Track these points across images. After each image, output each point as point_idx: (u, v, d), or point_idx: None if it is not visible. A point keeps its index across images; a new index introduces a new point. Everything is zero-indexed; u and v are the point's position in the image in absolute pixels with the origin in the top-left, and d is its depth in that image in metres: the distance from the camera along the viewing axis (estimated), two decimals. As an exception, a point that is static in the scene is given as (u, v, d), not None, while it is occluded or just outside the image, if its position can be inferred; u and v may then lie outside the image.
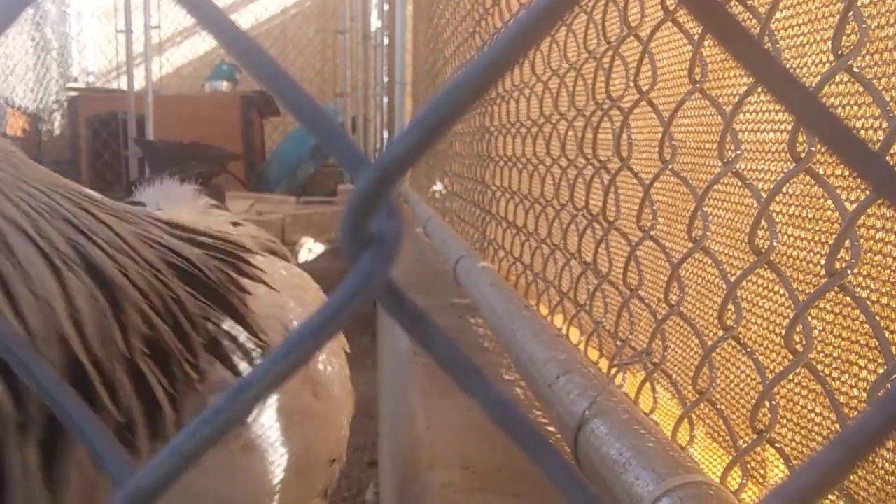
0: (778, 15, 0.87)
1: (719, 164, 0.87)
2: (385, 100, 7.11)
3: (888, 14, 0.71)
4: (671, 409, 1.12)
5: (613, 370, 1.15)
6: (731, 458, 0.91)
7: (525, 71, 1.82)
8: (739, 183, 0.85)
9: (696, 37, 0.96)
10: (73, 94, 7.90)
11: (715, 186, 0.90)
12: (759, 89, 0.82)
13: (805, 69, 0.81)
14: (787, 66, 0.85)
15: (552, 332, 1.42)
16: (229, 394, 0.23)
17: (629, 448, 0.92)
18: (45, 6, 8.52)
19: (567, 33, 1.47)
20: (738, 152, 0.86)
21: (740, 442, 0.89)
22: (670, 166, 1.02)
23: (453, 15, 3.20)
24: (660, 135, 1.03)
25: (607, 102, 1.23)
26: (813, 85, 0.71)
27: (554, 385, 1.18)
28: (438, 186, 3.66)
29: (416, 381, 1.58)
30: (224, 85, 7.63)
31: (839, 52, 0.68)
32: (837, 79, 0.71)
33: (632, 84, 1.14)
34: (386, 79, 7.00)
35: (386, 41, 6.89)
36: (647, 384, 1.11)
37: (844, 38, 0.68)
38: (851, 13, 0.66)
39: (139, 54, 6.26)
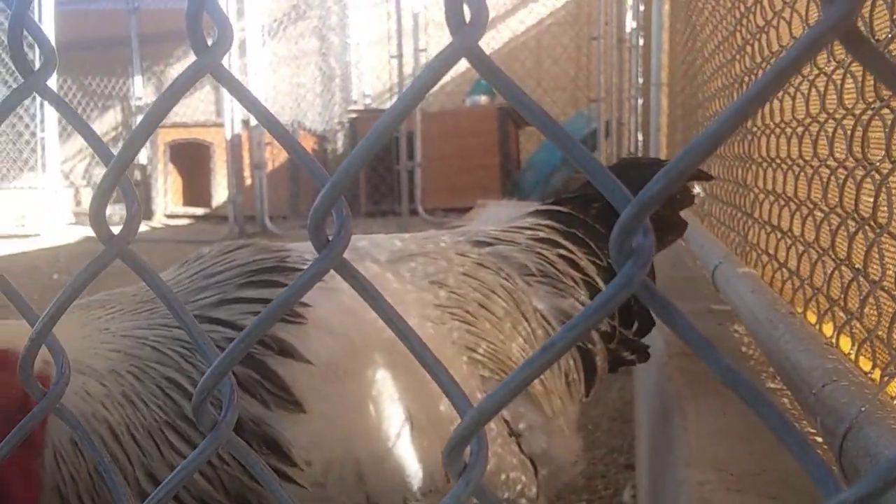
0: None
1: None
2: (640, 101, 7.02)
3: None
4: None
5: (885, 379, 1.11)
6: None
7: (789, 69, 1.76)
8: None
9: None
10: (353, 115, 8.80)
11: None
12: None
13: None
14: None
15: (818, 340, 1.37)
16: (540, 350, 0.33)
17: (899, 458, 0.89)
18: (330, 39, 9.59)
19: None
20: None
21: None
22: (950, 166, 0.96)
23: (713, 13, 3.12)
24: (938, 133, 0.98)
25: (878, 102, 1.17)
26: None
27: (819, 393, 1.16)
28: (697, 189, 3.56)
29: (673, 385, 1.61)
30: (483, 99, 8.02)
31: None
32: None
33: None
34: (640, 80, 6.91)
35: (641, 42, 6.80)
36: (926, 396, 1.05)
37: None
38: None
39: (409, 76, 6.84)
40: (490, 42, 8.51)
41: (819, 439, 1.25)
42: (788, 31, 1.71)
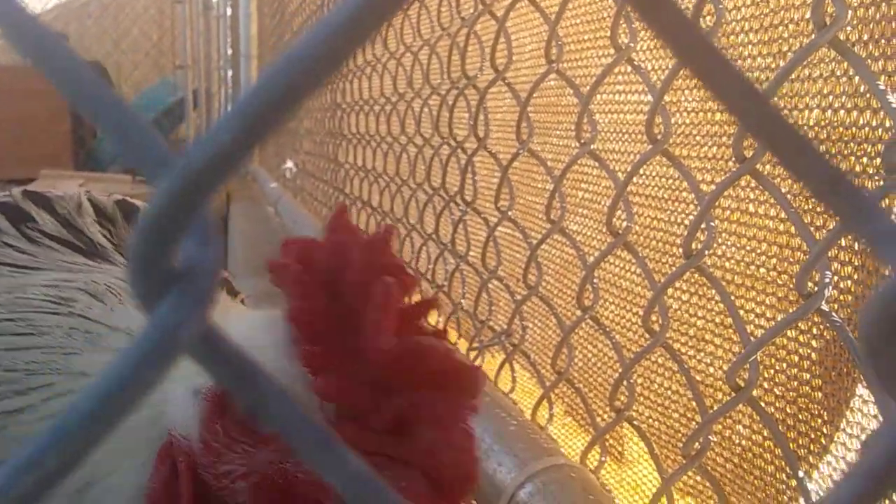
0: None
1: (577, 144, 0.86)
2: (230, 73, 6.79)
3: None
4: (530, 388, 1.12)
5: (473, 353, 1.14)
6: (589, 434, 0.92)
7: (377, 46, 1.77)
8: (597, 164, 0.85)
9: (552, 15, 0.95)
10: None
11: (573, 167, 0.90)
12: (618, 70, 0.82)
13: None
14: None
15: (410, 315, 1.39)
16: None
17: (491, 433, 0.90)
18: None
19: (420, 7, 1.44)
20: (594, 133, 0.86)
21: (599, 420, 0.89)
22: (527, 147, 1.00)
23: (301, -14, 3.08)
24: (517, 115, 1.02)
25: (463, 81, 1.20)
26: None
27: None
28: (289, 164, 3.53)
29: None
30: (48, 52, 6.99)
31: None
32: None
33: (487, 63, 1.12)
34: (230, 51, 6.68)
35: (229, 12, 6.58)
36: (507, 364, 1.10)
37: (709, 17, 0.68)
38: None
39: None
40: (55, -11, 7.44)
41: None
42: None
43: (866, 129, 0.57)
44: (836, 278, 0.58)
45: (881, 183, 0.50)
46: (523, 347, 1.08)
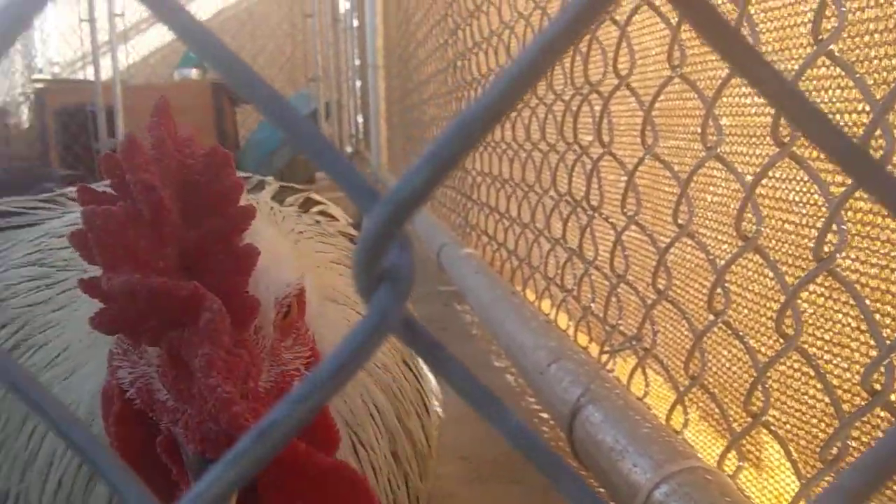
0: (757, -3, 0.87)
1: (703, 148, 0.87)
2: (358, 83, 7.04)
3: (868, -4, 0.71)
4: (663, 393, 1.12)
5: (605, 357, 1.16)
6: (725, 439, 0.92)
7: (501, 54, 1.80)
8: (724, 167, 0.85)
9: (673, 21, 0.95)
10: (38, 85, 7.72)
11: (700, 171, 0.90)
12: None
13: (786, 52, 0.81)
14: (765, 51, 0.85)
15: (540, 319, 1.42)
16: (251, 438, 0.23)
17: (625, 435, 0.92)
18: None
19: (542, 16, 1.46)
20: (720, 136, 0.86)
21: (735, 425, 0.89)
22: (653, 151, 1.01)
23: (423, -3, 3.16)
24: (640, 119, 1.03)
25: (586, 87, 1.22)
26: (795, 69, 0.71)
27: (545, 373, 1.18)
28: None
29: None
30: (193, 72, 7.49)
31: (819, 37, 0.67)
32: (819, 62, 0.71)
33: (610, 69, 1.13)
34: (358, 62, 6.93)
35: (356, 23, 6.81)
36: (639, 369, 1.11)
37: (824, 20, 0.67)
38: (833, -2, 0.66)
39: (104, 43, 6.14)
40: (197, 13, 7.96)
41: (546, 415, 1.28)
42: (498, 14, 1.74)
43: None
44: (978, 283, 0.57)
45: None
46: (655, 352, 1.08)
